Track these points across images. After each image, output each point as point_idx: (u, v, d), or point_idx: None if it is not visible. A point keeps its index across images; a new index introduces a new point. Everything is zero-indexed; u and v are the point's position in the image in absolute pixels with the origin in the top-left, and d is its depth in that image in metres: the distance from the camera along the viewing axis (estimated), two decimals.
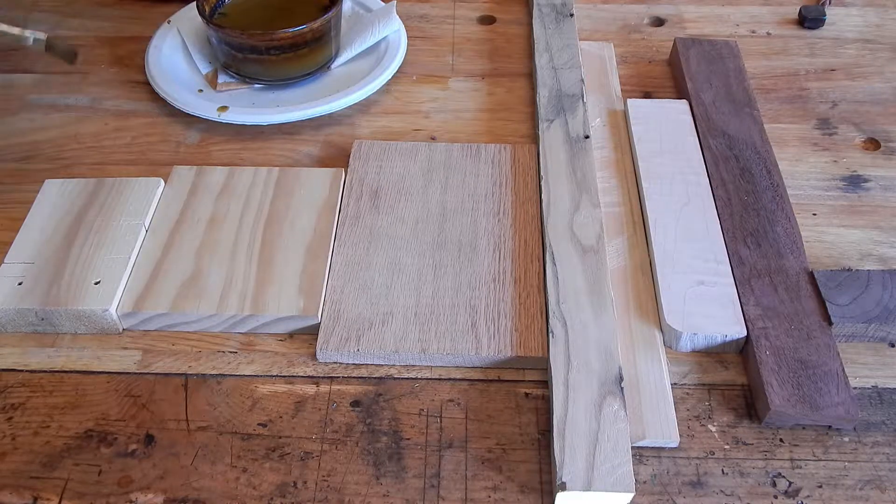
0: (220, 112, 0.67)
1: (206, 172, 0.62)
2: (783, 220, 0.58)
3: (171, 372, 0.51)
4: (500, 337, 0.51)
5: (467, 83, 0.74)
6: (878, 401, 0.50)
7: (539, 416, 0.49)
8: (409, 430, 0.48)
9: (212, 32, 0.69)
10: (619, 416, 0.46)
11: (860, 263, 0.58)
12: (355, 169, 0.63)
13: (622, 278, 0.55)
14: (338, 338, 0.51)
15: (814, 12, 0.80)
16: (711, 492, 0.46)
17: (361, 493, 0.45)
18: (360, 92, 0.69)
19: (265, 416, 0.49)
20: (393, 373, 0.51)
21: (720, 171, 0.61)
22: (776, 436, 0.48)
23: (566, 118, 0.65)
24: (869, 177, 0.64)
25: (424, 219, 0.59)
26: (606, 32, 0.80)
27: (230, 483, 0.46)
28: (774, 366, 0.49)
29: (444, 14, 0.83)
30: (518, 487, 0.46)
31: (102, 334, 0.54)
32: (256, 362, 0.52)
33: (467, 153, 0.64)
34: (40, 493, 0.45)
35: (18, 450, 0.47)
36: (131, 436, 0.48)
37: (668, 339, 0.52)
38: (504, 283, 0.54)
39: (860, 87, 0.73)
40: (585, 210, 0.58)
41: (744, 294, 0.53)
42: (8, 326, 0.53)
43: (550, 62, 0.71)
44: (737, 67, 0.71)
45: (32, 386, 0.51)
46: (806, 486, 0.46)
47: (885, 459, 0.47)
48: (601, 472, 0.44)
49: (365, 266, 0.56)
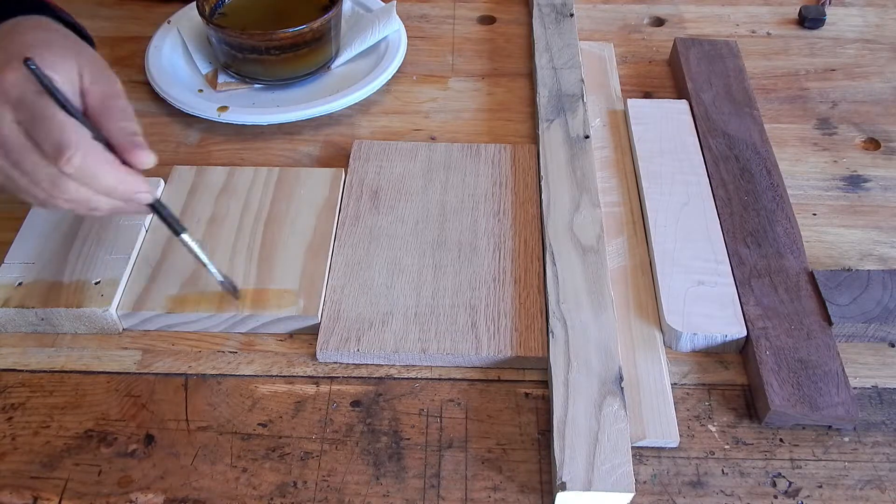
0: (220, 112, 0.67)
1: (206, 172, 0.62)
2: (783, 220, 0.58)
3: (171, 372, 0.51)
4: (500, 337, 0.51)
5: (467, 83, 0.74)
6: (878, 401, 0.50)
7: (539, 416, 0.49)
8: (409, 430, 0.48)
9: (212, 32, 0.69)
10: (619, 416, 0.46)
11: (860, 263, 0.58)
12: (355, 169, 0.63)
13: (622, 278, 0.55)
14: (338, 338, 0.51)
15: (814, 12, 0.80)
16: (711, 492, 0.46)
17: (361, 493, 0.45)
18: (360, 92, 0.69)
19: (265, 416, 0.49)
20: (393, 373, 0.51)
21: (720, 171, 0.61)
22: (776, 436, 0.48)
23: (566, 118, 0.65)
24: (869, 177, 0.64)
25: (424, 219, 0.59)
26: (606, 32, 0.80)
27: (230, 483, 0.46)
28: (774, 366, 0.49)
29: (444, 14, 0.83)
30: (518, 487, 0.46)
31: (102, 334, 0.54)
32: (256, 362, 0.52)
33: (467, 153, 0.64)
34: (40, 493, 0.45)
35: (18, 450, 0.47)
36: (131, 436, 0.48)
37: (668, 339, 0.52)
38: (504, 283, 0.54)
39: (860, 87, 0.73)
40: (585, 210, 0.58)
41: (744, 294, 0.53)
42: (8, 326, 0.53)
43: (550, 62, 0.71)
44: (737, 67, 0.71)
45: (32, 386, 0.51)
46: (806, 486, 0.46)
47: (885, 459, 0.47)
48: (601, 472, 0.44)
49: (365, 266, 0.56)
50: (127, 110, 0.48)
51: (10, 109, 0.44)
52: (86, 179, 0.45)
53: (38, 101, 0.44)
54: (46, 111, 0.44)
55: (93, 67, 0.48)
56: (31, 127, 0.44)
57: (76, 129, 0.45)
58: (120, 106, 0.47)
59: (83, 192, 0.46)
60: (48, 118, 0.44)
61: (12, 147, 0.45)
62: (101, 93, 0.47)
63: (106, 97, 0.47)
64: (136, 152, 0.47)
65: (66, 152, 0.44)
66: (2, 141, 0.45)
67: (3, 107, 0.44)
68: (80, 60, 0.47)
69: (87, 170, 0.45)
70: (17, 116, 0.44)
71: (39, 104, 0.44)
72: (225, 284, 0.52)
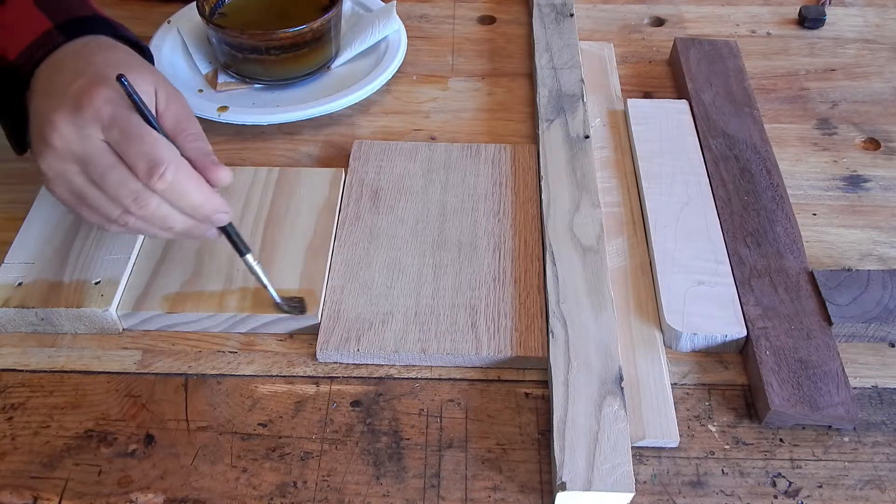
0: (220, 112, 0.67)
1: None
2: (783, 220, 0.58)
3: (171, 372, 0.51)
4: (500, 337, 0.51)
5: (467, 83, 0.74)
6: (878, 401, 0.50)
7: (539, 416, 0.49)
8: (409, 430, 0.48)
9: (212, 32, 0.69)
10: (619, 416, 0.46)
11: (860, 263, 0.58)
12: (355, 169, 0.63)
13: (622, 278, 0.55)
14: (338, 338, 0.51)
15: (814, 12, 0.80)
16: (711, 492, 0.46)
17: (361, 493, 0.45)
18: (360, 92, 0.69)
19: (265, 416, 0.49)
20: (393, 373, 0.51)
21: (720, 171, 0.61)
22: (776, 436, 0.48)
23: (566, 118, 0.65)
24: (869, 177, 0.64)
25: (424, 219, 0.59)
26: (606, 32, 0.80)
27: (230, 483, 0.46)
28: (774, 366, 0.49)
29: (444, 14, 0.83)
30: (518, 487, 0.46)
31: (102, 334, 0.54)
32: (256, 362, 0.52)
33: (467, 153, 0.64)
34: (40, 493, 0.45)
35: (18, 450, 0.47)
36: (131, 436, 0.48)
37: (668, 339, 0.52)
38: (504, 283, 0.54)
39: (860, 87, 0.73)
40: (585, 210, 0.58)
41: (744, 294, 0.53)
42: (8, 326, 0.53)
43: (550, 62, 0.71)
44: (737, 67, 0.71)
45: (32, 386, 0.51)
46: (806, 486, 0.46)
47: (885, 459, 0.47)
48: (601, 472, 0.44)
49: (365, 266, 0.56)
50: (200, 132, 0.49)
51: (101, 128, 0.45)
52: (174, 196, 0.46)
53: (130, 118, 0.45)
54: (139, 128, 0.45)
55: (167, 88, 0.49)
56: (122, 143, 0.45)
57: (168, 146, 0.46)
58: (194, 126, 0.48)
59: (164, 209, 0.46)
60: (142, 135, 0.45)
61: (98, 163, 0.45)
62: (176, 113, 0.48)
63: (181, 118, 0.48)
64: (217, 170, 0.47)
65: (160, 167, 0.44)
66: (87, 158, 0.45)
67: (94, 124, 0.44)
68: (155, 81, 0.48)
69: (178, 186, 0.45)
70: (107, 135, 0.45)
71: (132, 121, 0.45)
72: (282, 306, 0.52)
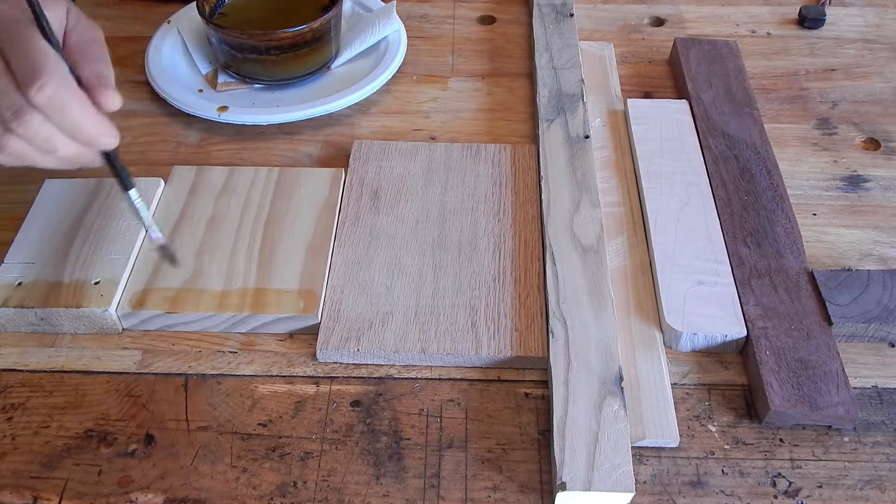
0: (220, 112, 0.67)
1: (206, 172, 0.62)
2: (783, 220, 0.58)
3: (171, 372, 0.51)
4: (500, 337, 0.51)
5: (467, 83, 0.74)
6: (878, 401, 0.50)
7: (539, 416, 0.49)
8: (409, 430, 0.48)
9: (212, 32, 0.69)
10: (619, 416, 0.46)
11: (860, 263, 0.58)
12: (355, 169, 0.63)
13: (622, 278, 0.55)
14: (338, 338, 0.51)
15: (814, 12, 0.80)
16: (711, 492, 0.46)
17: (361, 493, 0.45)
18: (360, 92, 0.69)
19: (265, 416, 0.49)
20: (393, 373, 0.51)
21: (720, 171, 0.61)
22: (776, 436, 0.48)
23: (566, 118, 0.65)
24: (869, 177, 0.64)
25: (424, 219, 0.59)
26: (606, 32, 0.80)
27: (230, 483, 0.46)
28: (774, 366, 0.49)
29: (444, 14, 0.83)
30: (518, 487, 0.46)
31: (102, 334, 0.54)
32: (256, 362, 0.52)
33: (467, 153, 0.64)
34: (40, 493, 0.45)
35: (18, 450, 0.47)
36: (131, 436, 0.48)
37: (668, 339, 0.52)
38: (504, 283, 0.54)
39: (860, 87, 0.73)
40: (585, 210, 0.58)
41: (744, 294, 0.53)
42: (8, 326, 0.53)
43: (550, 62, 0.71)
44: (737, 67, 0.71)
45: (32, 386, 0.51)
46: (806, 486, 0.46)
47: (885, 459, 0.47)
48: (601, 472, 0.44)
49: (365, 266, 0.56)
50: (104, 56, 0.46)
51: None
52: (54, 113, 0.42)
53: (26, 26, 0.43)
54: (29, 36, 0.42)
55: (81, 15, 0.47)
56: (7, 46, 0.42)
57: (57, 61, 0.43)
58: (98, 50, 0.46)
59: (46, 128, 0.43)
60: (29, 43, 0.42)
61: None
62: (81, 35, 0.46)
63: (87, 40, 0.46)
64: (104, 91, 0.45)
65: (39, 79, 0.41)
66: None
67: None
68: (69, 5, 0.47)
69: (58, 102, 0.42)
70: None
71: (26, 30, 0.43)
72: (164, 250, 0.51)
